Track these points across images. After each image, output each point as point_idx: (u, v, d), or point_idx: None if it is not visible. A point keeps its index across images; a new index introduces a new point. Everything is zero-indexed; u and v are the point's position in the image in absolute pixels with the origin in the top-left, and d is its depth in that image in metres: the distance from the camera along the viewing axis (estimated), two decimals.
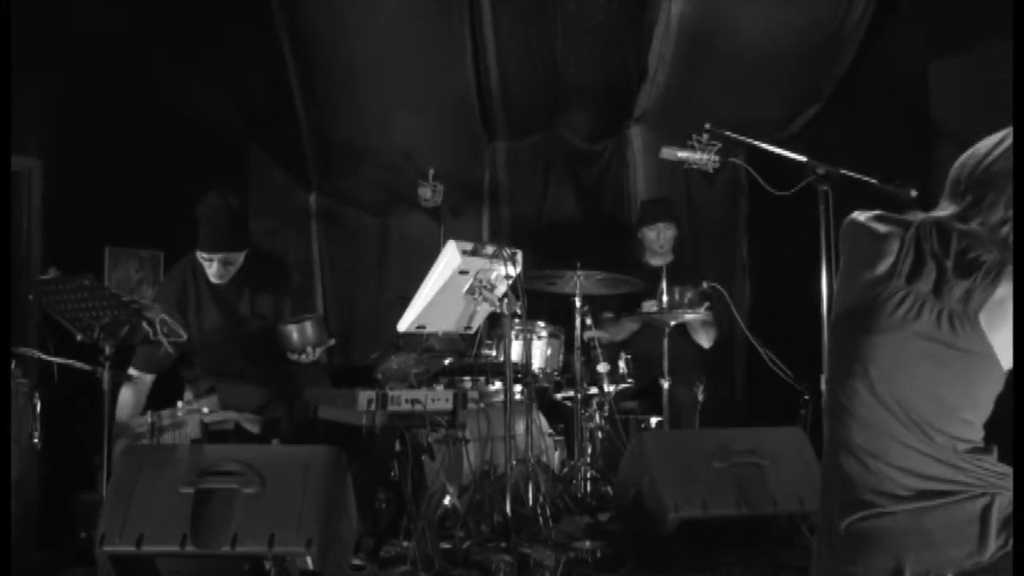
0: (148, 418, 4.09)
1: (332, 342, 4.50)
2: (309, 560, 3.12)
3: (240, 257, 4.48)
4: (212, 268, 4.43)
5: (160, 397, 4.43)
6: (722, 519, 3.69)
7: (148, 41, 5.79)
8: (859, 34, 5.75)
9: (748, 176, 6.27)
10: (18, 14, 4.39)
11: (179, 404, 4.17)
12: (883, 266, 1.96)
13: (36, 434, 4.01)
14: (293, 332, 4.33)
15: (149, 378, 4.47)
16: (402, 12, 5.96)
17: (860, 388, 1.94)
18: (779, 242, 6.06)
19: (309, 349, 4.34)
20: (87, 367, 3.77)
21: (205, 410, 4.15)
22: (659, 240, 5.76)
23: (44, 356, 3.84)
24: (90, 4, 5.50)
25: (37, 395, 4.05)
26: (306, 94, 6.31)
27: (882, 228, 2.00)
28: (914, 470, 1.88)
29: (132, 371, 4.41)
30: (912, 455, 1.89)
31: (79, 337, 3.68)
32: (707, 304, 5.17)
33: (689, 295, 5.05)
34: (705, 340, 5.64)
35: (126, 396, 4.37)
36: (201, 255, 4.42)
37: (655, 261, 5.75)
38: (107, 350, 3.65)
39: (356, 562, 3.68)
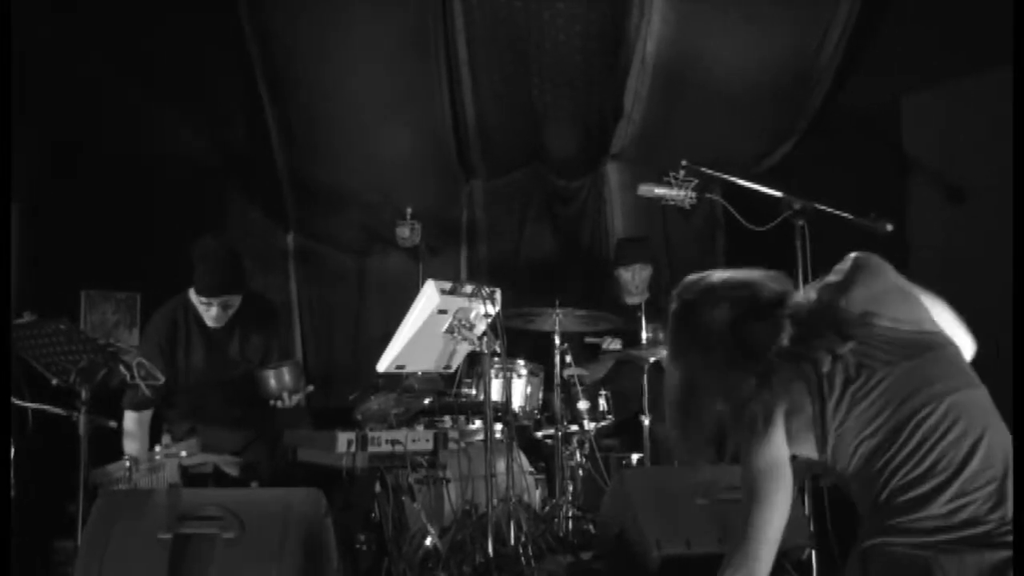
0: (125, 463, 4.05)
1: (310, 388, 4.46)
2: None
3: (238, 300, 4.42)
4: (211, 311, 4.36)
5: None
6: (706, 556, 3.67)
7: (125, 84, 5.79)
8: (835, 64, 5.77)
9: (725, 212, 6.30)
10: None
11: (157, 448, 4.12)
12: None
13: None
14: (270, 378, 4.28)
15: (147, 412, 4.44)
16: (379, 53, 5.99)
17: None
18: None
19: (285, 395, 4.29)
20: (63, 412, 3.73)
21: (183, 453, 4.10)
22: (635, 281, 5.77)
23: (19, 402, 3.80)
24: (66, 47, 5.49)
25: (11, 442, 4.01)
26: (283, 134, 6.31)
27: None
28: None
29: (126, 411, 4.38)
30: None
31: (55, 382, 3.64)
32: None
33: (664, 333, 5.05)
34: None
35: (130, 425, 4.35)
36: (200, 299, 4.35)
37: (632, 300, 5.76)
38: (84, 394, 3.60)
39: None
